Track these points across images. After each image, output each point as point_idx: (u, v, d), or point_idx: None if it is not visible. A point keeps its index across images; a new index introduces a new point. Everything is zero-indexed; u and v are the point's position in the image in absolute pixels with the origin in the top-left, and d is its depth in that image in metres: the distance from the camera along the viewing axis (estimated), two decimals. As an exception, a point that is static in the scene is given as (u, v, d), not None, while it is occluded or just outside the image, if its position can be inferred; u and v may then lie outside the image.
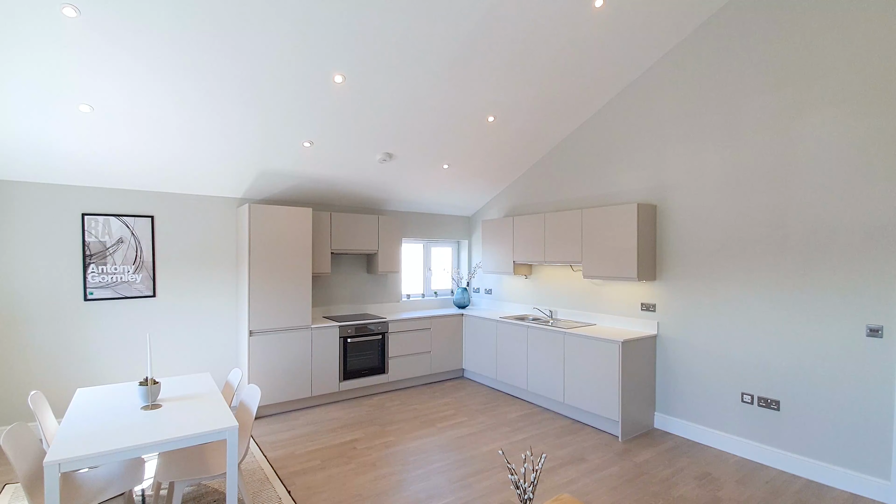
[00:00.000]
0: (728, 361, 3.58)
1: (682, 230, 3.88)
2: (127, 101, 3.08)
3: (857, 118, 2.94)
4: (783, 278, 3.28)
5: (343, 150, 4.17)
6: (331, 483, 3.05)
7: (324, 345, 4.57)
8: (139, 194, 4.14)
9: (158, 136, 3.49)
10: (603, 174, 4.54)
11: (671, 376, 3.94)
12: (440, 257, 6.42)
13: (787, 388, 3.25)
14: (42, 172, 3.65)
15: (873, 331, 2.87)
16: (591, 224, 4.29)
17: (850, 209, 2.97)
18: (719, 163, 3.63)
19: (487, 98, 3.84)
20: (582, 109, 4.46)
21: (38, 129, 3.18)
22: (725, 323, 3.60)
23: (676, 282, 3.92)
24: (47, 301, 3.77)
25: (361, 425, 4.08)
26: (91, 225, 3.92)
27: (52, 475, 1.82)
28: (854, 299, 2.96)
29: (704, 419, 3.72)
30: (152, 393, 2.50)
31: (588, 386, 4.01)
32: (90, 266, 3.91)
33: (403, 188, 5.22)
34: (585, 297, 4.72)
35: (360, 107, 3.61)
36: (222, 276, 4.55)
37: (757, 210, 3.42)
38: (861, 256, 2.93)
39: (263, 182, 4.46)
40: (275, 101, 3.36)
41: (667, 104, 3.96)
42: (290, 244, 4.39)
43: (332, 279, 5.26)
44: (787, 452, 3.25)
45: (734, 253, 3.54)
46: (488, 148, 4.70)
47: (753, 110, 3.43)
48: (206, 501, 2.81)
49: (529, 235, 4.97)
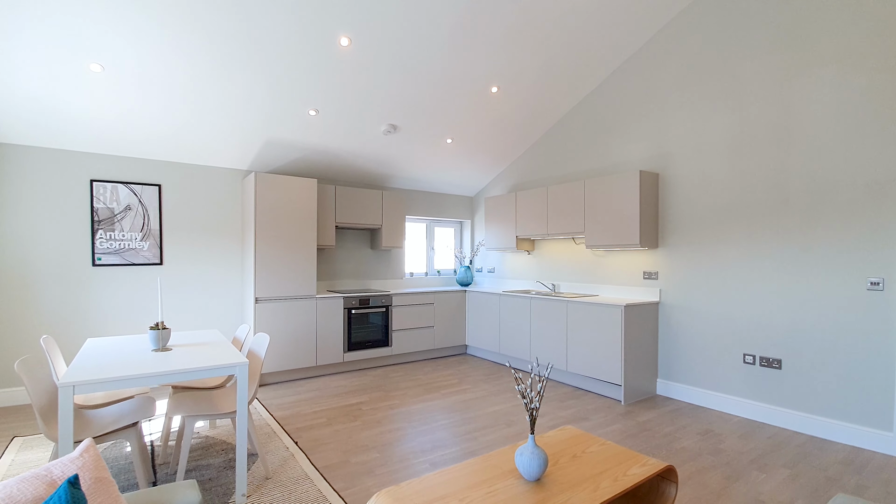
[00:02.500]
0: (730, 324, 3.61)
1: (684, 197, 3.91)
2: (137, 61, 3.12)
3: (856, 75, 2.98)
4: (784, 238, 3.32)
5: (348, 119, 4.21)
6: (337, 437, 3.08)
7: (328, 315, 4.61)
8: (147, 163, 4.19)
9: (166, 100, 3.53)
10: (605, 147, 4.58)
11: (673, 342, 3.97)
12: (443, 237, 6.46)
13: (789, 346, 3.28)
14: (51, 137, 3.69)
15: (874, 284, 2.90)
16: (594, 194, 4.32)
17: (850, 165, 3.01)
18: (721, 128, 3.67)
19: (491, 65, 3.88)
20: (584, 81, 4.50)
21: (48, 91, 3.23)
22: (727, 286, 3.63)
23: (678, 248, 3.95)
24: (56, 265, 3.81)
25: (366, 391, 4.11)
26: (99, 191, 3.97)
27: (66, 396, 1.85)
28: (855, 254, 2.99)
29: (707, 382, 3.75)
30: (163, 337, 2.54)
31: (591, 352, 4.04)
32: (98, 232, 3.95)
33: (407, 163, 5.26)
34: (588, 270, 4.75)
35: (365, 73, 3.66)
36: (228, 246, 4.59)
37: (758, 172, 3.45)
38: (861, 211, 2.97)
39: (269, 153, 4.51)
40: (281, 65, 3.40)
41: (669, 73, 4.01)
42: (296, 214, 4.44)
43: (336, 254, 5.30)
44: (788, 410, 3.28)
45: (736, 216, 3.58)
46: (491, 121, 4.74)
47: (754, 74, 3.47)
48: (215, 451, 2.84)
49: (532, 209, 5.01)
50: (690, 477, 2.54)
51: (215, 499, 2.27)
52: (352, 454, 2.81)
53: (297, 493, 2.32)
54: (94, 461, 1.26)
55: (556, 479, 1.64)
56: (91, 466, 1.25)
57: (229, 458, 2.73)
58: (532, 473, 1.60)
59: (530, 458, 1.59)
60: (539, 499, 1.50)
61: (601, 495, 1.52)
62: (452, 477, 1.65)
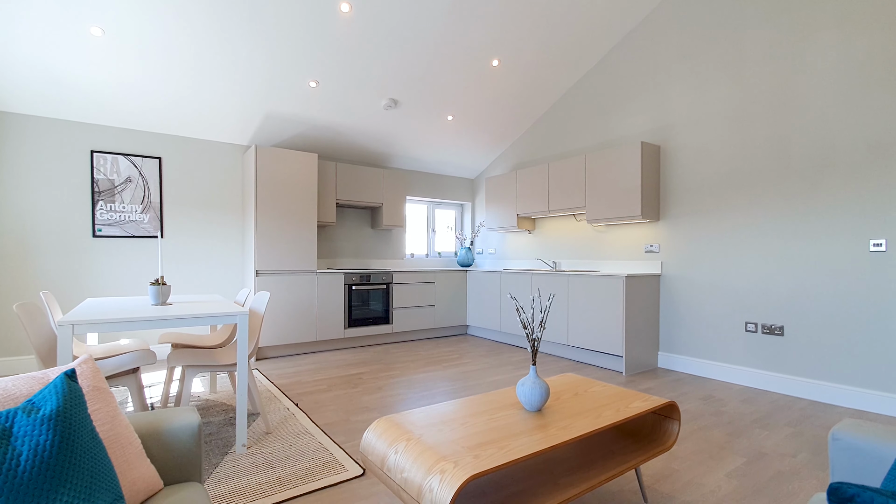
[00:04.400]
0: (732, 293, 3.59)
1: (686, 168, 3.90)
2: (137, 26, 3.12)
3: (857, 36, 2.97)
4: (786, 204, 3.30)
5: (348, 92, 4.20)
6: (338, 400, 3.07)
7: (329, 290, 4.60)
8: (147, 135, 4.18)
9: (166, 66, 3.52)
10: (607, 123, 4.57)
11: (675, 315, 3.96)
12: (444, 219, 6.45)
13: (792, 312, 3.27)
14: (52, 106, 3.69)
15: (876, 245, 2.89)
16: (595, 167, 4.31)
17: (851, 127, 2.99)
18: (722, 98, 3.65)
19: (492, 36, 3.87)
20: (585, 56, 4.49)
21: (49, 57, 3.22)
22: (729, 255, 3.61)
23: (680, 220, 3.94)
24: (56, 235, 3.81)
25: (367, 364, 4.10)
26: (100, 162, 3.96)
27: (65, 335, 1.85)
28: (856, 215, 2.98)
29: (708, 353, 3.73)
30: (163, 293, 2.53)
31: (593, 325, 4.03)
32: (98, 203, 3.95)
33: (408, 141, 5.25)
34: (589, 246, 4.74)
35: (366, 41, 3.65)
36: (229, 220, 4.59)
37: (760, 140, 3.44)
38: (863, 173, 2.95)
39: (269, 127, 4.50)
40: (281, 32, 3.39)
41: (670, 44, 3.99)
42: (296, 189, 4.43)
43: (336, 232, 5.29)
44: (790, 376, 3.26)
45: (738, 185, 3.56)
46: (492, 98, 4.73)
47: (754, 42, 3.45)
48: (215, 412, 2.83)
49: (533, 186, 5.00)
50: (693, 433, 2.53)
51: (215, 450, 2.26)
52: (352, 414, 2.80)
53: (298, 445, 2.31)
54: (93, 372, 1.26)
55: (557, 410, 1.63)
56: (89, 375, 1.24)
57: (229, 416, 2.72)
58: (533, 404, 1.59)
59: (531, 387, 1.58)
60: (540, 423, 1.49)
61: (603, 422, 1.51)
62: (453, 408, 1.64)
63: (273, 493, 1.85)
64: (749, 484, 1.97)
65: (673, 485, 1.95)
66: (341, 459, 2.16)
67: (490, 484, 1.45)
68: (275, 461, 2.13)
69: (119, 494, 1.02)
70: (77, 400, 1.01)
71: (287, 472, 2.03)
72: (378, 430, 1.47)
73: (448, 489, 1.12)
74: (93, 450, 1.00)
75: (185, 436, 1.36)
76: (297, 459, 2.15)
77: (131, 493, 1.15)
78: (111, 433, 1.18)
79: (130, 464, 1.18)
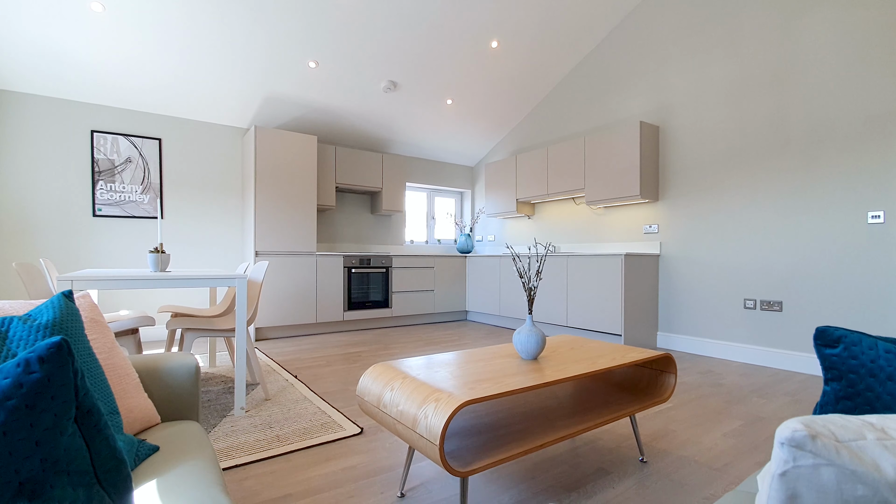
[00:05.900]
0: (731, 270, 3.60)
1: (685, 148, 3.90)
2: (137, 1, 3.13)
3: (855, 8, 2.97)
4: (785, 179, 3.30)
5: (348, 73, 4.21)
6: (336, 374, 3.08)
7: (328, 273, 4.61)
8: (147, 116, 4.20)
9: (165, 43, 3.53)
10: (605, 106, 4.57)
11: (674, 295, 3.96)
12: (444, 207, 6.45)
13: (790, 287, 3.27)
14: (52, 85, 3.70)
15: (875, 217, 2.89)
16: (594, 149, 4.31)
17: (848, 100, 3.00)
18: (720, 76, 3.65)
19: (491, 16, 3.88)
20: (584, 39, 4.49)
21: (49, 33, 3.24)
22: (728, 233, 3.62)
23: (679, 200, 3.94)
24: (57, 214, 3.82)
25: (366, 344, 4.11)
26: (100, 142, 3.97)
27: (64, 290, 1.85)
28: (855, 188, 2.98)
29: (707, 331, 3.73)
30: (162, 261, 2.54)
31: (591, 304, 4.03)
32: (98, 183, 3.96)
33: (408, 126, 5.26)
34: (588, 229, 4.74)
35: (365, 21, 3.65)
36: (229, 202, 4.60)
37: (758, 116, 3.44)
38: (860, 146, 2.95)
39: (269, 110, 4.51)
40: (280, 11, 3.40)
41: (667, 25, 3.99)
42: (296, 171, 4.44)
43: (336, 217, 5.30)
44: (789, 351, 3.26)
45: (736, 162, 3.57)
46: (492, 81, 4.73)
47: (752, 19, 3.45)
48: (214, 382, 2.84)
49: (532, 171, 5.00)
50: (691, 401, 2.53)
51: (214, 413, 2.27)
52: (351, 384, 2.81)
53: (296, 410, 2.32)
54: (90, 306, 1.27)
55: (553, 359, 1.63)
56: (87, 308, 1.25)
57: (228, 386, 2.73)
58: (529, 352, 1.60)
59: (528, 335, 1.59)
60: (536, 367, 1.50)
61: (598, 366, 1.51)
62: (449, 358, 1.65)
63: (271, 447, 1.86)
64: (746, 442, 1.97)
65: (670, 442, 1.95)
66: (339, 421, 2.17)
67: (486, 426, 1.46)
68: (273, 422, 2.14)
69: (115, 409, 1.03)
70: (74, 316, 1.02)
71: (285, 431, 2.03)
72: (374, 372, 1.48)
73: (442, 415, 1.12)
74: (88, 363, 1.00)
75: (182, 375, 1.37)
76: (296, 421, 2.16)
77: (128, 420, 1.16)
78: (109, 362, 1.19)
79: (128, 393, 1.19)
